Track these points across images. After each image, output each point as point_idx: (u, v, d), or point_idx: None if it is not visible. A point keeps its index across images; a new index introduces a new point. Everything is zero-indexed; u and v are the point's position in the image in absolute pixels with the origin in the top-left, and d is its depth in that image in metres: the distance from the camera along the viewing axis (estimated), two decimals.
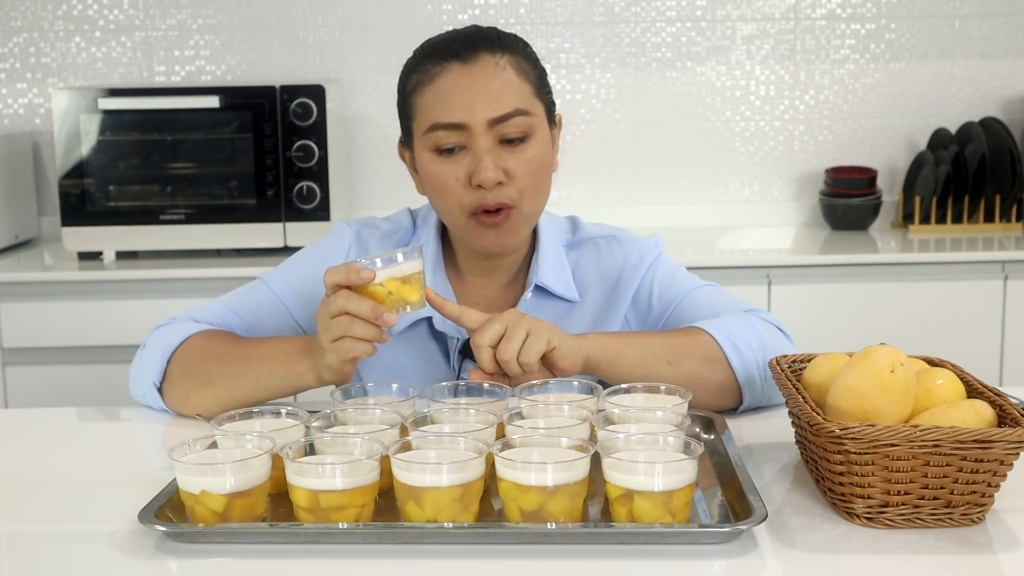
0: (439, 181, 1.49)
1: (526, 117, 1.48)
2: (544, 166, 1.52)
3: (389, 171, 3.28)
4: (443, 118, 1.47)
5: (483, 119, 1.45)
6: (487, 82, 1.47)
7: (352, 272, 1.33)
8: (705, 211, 3.33)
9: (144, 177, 2.92)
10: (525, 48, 1.54)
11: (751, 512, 1.09)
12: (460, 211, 1.50)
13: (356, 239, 1.64)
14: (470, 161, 1.47)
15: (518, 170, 1.48)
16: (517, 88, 1.48)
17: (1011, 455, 1.11)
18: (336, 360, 1.37)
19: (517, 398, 1.31)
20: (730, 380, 1.47)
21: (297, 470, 1.11)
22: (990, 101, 3.31)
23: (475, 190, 1.47)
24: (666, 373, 1.44)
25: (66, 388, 2.76)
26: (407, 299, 1.36)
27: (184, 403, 1.51)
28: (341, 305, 1.33)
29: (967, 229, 3.10)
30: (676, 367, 1.45)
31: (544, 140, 1.52)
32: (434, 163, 1.49)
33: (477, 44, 1.49)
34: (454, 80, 1.47)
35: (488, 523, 1.13)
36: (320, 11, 3.26)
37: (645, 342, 1.47)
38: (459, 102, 1.46)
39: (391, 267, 1.35)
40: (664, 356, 1.45)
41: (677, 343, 1.47)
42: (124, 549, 1.10)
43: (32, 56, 3.27)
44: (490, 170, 1.45)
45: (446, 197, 1.50)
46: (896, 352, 1.17)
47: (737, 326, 1.50)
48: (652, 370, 1.44)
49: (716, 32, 3.30)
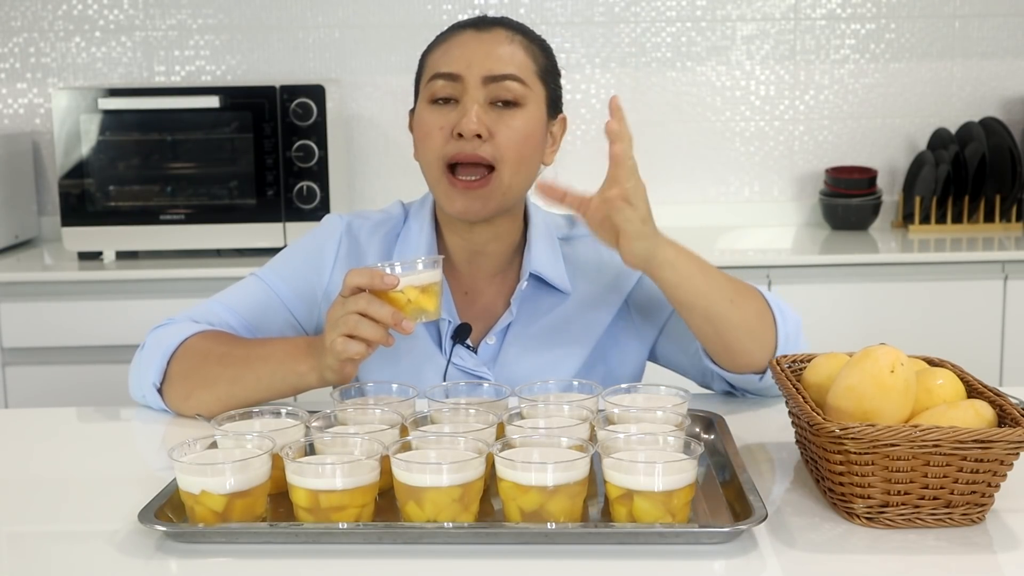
0: (424, 129, 1.53)
1: (521, 85, 1.51)
2: (530, 141, 1.52)
3: (389, 171, 3.28)
4: (442, 68, 1.51)
5: (478, 74, 1.50)
6: (493, 46, 1.52)
7: (376, 277, 1.34)
8: (705, 211, 3.33)
9: (144, 177, 2.92)
10: (543, 42, 1.59)
11: (751, 512, 1.09)
12: (437, 163, 1.51)
13: (347, 230, 1.64)
14: (458, 113, 1.50)
15: (501, 132, 1.50)
16: (520, 60, 1.53)
17: (1011, 455, 1.11)
18: (334, 360, 1.37)
19: (517, 398, 1.31)
20: (772, 340, 1.49)
21: (297, 470, 1.11)
22: (990, 101, 3.31)
23: (455, 140, 1.49)
24: (725, 310, 1.44)
25: (66, 388, 2.76)
26: (424, 308, 1.37)
27: (184, 403, 1.51)
28: (362, 307, 1.34)
29: (967, 229, 3.10)
30: (737, 307, 1.45)
31: (535, 119, 1.53)
32: (425, 111, 1.53)
33: (494, 21, 1.56)
34: (464, 40, 1.53)
35: (488, 523, 1.13)
36: (320, 11, 3.26)
37: (714, 274, 1.45)
38: (461, 56, 1.51)
39: (411, 275, 1.36)
40: (728, 294, 1.45)
41: (739, 288, 1.48)
42: (124, 549, 1.10)
43: (32, 56, 3.27)
44: (473, 121, 1.48)
45: (428, 146, 1.52)
46: (896, 352, 1.17)
47: (778, 300, 1.53)
48: (713, 301, 1.43)
49: (716, 32, 3.30)
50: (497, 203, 1.53)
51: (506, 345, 1.59)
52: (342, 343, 1.35)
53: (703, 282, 1.43)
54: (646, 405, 1.30)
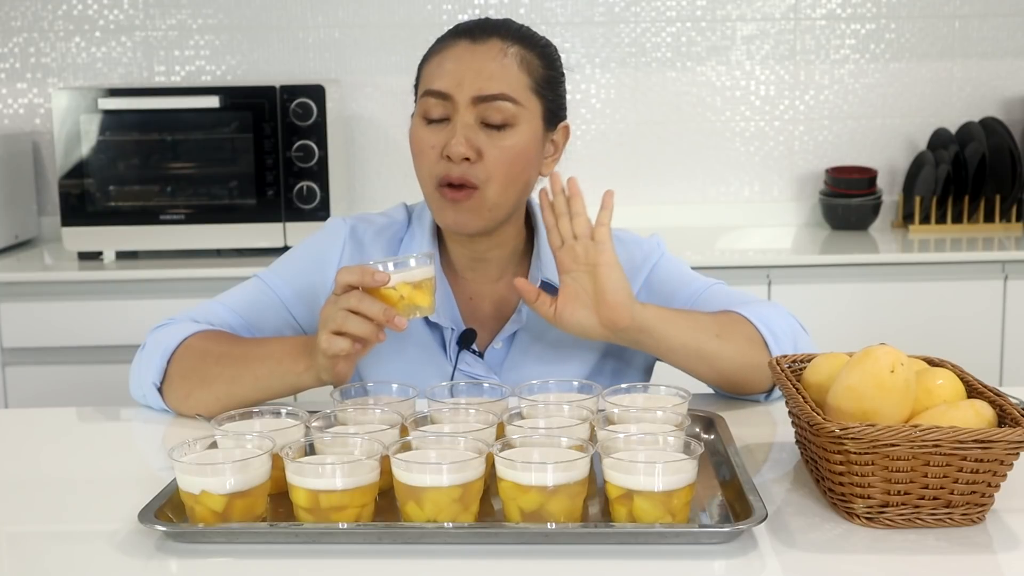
0: (417, 147, 1.52)
1: (512, 105, 1.49)
2: (521, 160, 1.51)
3: (389, 171, 3.28)
4: (434, 85, 1.50)
5: (468, 95, 1.48)
6: (485, 62, 1.49)
7: (367, 274, 1.34)
8: (705, 211, 3.33)
9: (144, 177, 2.92)
10: (545, 48, 1.57)
11: (751, 512, 1.09)
12: (430, 180, 1.52)
13: (351, 234, 1.63)
14: (448, 133, 1.49)
15: (490, 154, 1.49)
16: (513, 76, 1.50)
17: (1011, 455, 1.11)
18: (324, 358, 1.37)
19: (517, 398, 1.31)
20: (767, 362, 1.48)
21: (297, 470, 1.11)
22: (990, 101, 3.31)
23: (445, 161, 1.49)
24: (714, 346, 1.47)
25: (66, 388, 2.76)
26: (418, 304, 1.37)
27: (184, 403, 1.51)
28: (353, 305, 1.34)
29: (967, 229, 3.10)
30: (724, 341, 1.48)
31: (529, 136, 1.52)
32: (419, 129, 1.53)
33: (492, 29, 1.53)
34: (458, 54, 1.51)
35: (488, 523, 1.13)
36: (320, 11, 3.26)
37: (695, 315, 1.50)
38: (452, 74, 1.49)
39: (404, 271, 1.36)
40: (713, 329, 1.48)
41: (722, 321, 1.50)
42: (124, 549, 1.10)
43: (32, 56, 3.27)
44: (460, 144, 1.47)
45: (421, 164, 1.52)
46: (896, 352, 1.17)
47: (769, 313, 1.53)
48: (703, 342, 1.47)
49: (716, 32, 3.30)
50: (486, 219, 1.52)
51: (514, 350, 1.59)
52: (327, 340, 1.35)
53: (687, 324, 1.47)
54: (646, 405, 1.30)
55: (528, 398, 1.30)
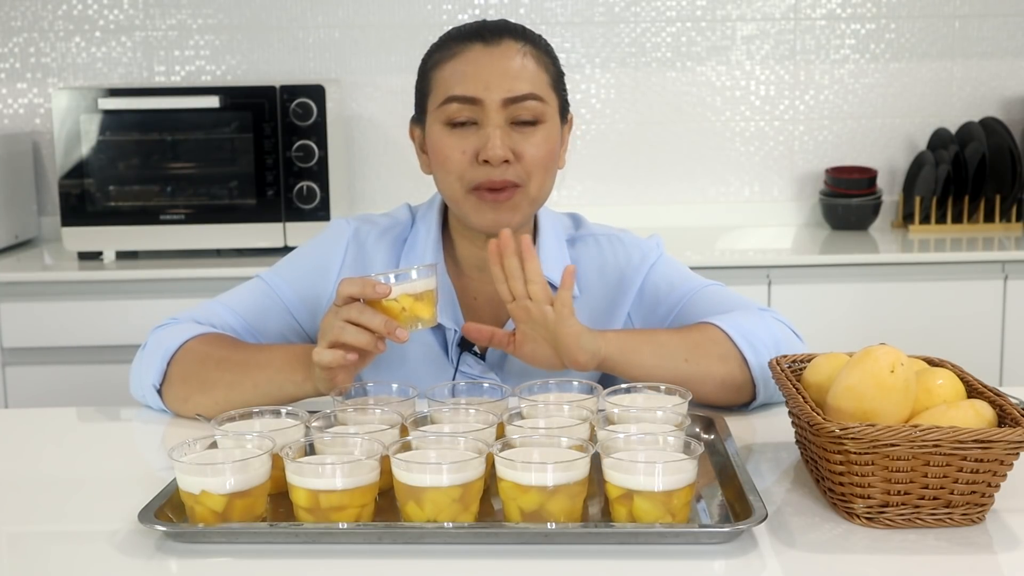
0: (445, 153, 1.51)
1: (540, 103, 1.50)
2: (552, 154, 1.53)
3: (389, 171, 3.28)
4: (459, 91, 1.49)
5: (498, 97, 1.48)
6: (507, 63, 1.49)
7: (368, 285, 1.34)
8: (705, 211, 3.33)
9: (144, 177, 2.92)
10: (547, 46, 1.58)
11: (751, 512, 1.09)
12: (460, 186, 1.51)
13: (354, 236, 1.63)
14: (479, 137, 1.49)
15: (527, 152, 1.50)
16: (535, 75, 1.51)
17: (1011, 455, 1.11)
18: (319, 369, 1.37)
19: (517, 398, 1.31)
20: (745, 377, 1.48)
21: (297, 470, 1.11)
22: (990, 101, 3.31)
23: (480, 166, 1.49)
24: (684, 370, 1.44)
25: (66, 388, 2.76)
26: (420, 316, 1.37)
27: (183, 406, 1.51)
28: (354, 317, 1.33)
29: (967, 229, 3.10)
30: (693, 364, 1.45)
31: (554, 131, 1.54)
32: (444, 135, 1.51)
33: (502, 31, 1.53)
34: (475, 57, 1.50)
35: (488, 523, 1.13)
36: (320, 11, 3.26)
37: (662, 340, 1.48)
38: (477, 77, 1.49)
39: (405, 283, 1.36)
40: (681, 353, 1.46)
41: (693, 340, 1.48)
42: (124, 549, 1.10)
43: (32, 56, 3.27)
44: (498, 147, 1.47)
45: (449, 170, 1.51)
46: (896, 352, 1.17)
47: (750, 323, 1.51)
48: (670, 368, 1.44)
49: (716, 32, 3.30)
50: (525, 213, 1.54)
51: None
52: (317, 353, 1.35)
53: (652, 352, 1.45)
54: (646, 405, 1.30)
55: (528, 398, 1.30)
